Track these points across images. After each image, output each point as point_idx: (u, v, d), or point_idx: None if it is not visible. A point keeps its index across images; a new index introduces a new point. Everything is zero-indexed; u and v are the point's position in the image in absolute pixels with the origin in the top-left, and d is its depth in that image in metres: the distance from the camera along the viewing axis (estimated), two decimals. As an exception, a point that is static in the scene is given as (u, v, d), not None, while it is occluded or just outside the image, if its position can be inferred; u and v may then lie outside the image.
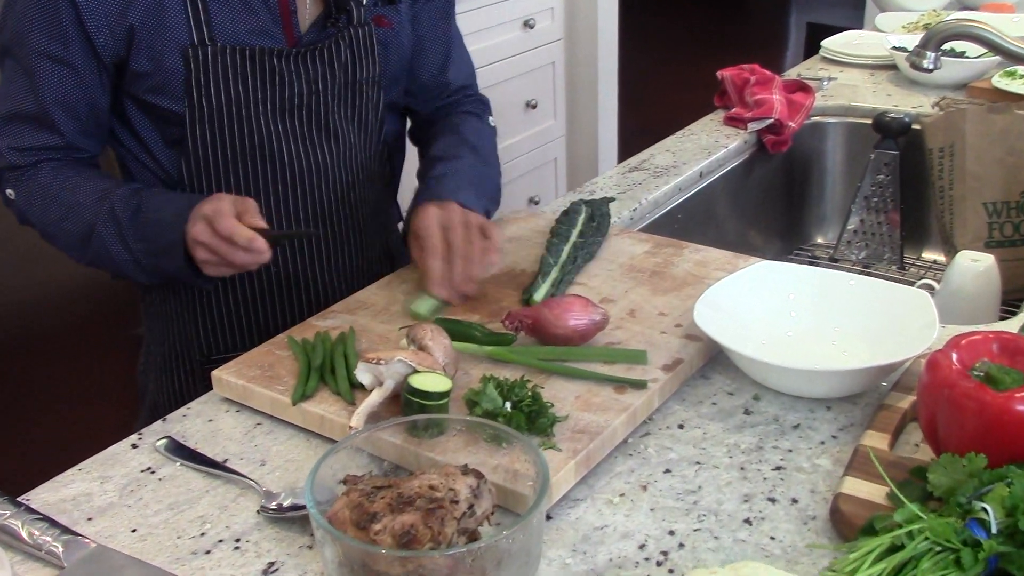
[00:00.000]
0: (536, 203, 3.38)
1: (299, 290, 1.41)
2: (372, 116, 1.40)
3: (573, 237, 1.37)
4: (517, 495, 0.92)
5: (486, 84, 3.08)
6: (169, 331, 1.39)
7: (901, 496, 0.84)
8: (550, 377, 1.10)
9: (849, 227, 2.00)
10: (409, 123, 1.58)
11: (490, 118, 1.55)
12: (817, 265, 2.07)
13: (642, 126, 2.76)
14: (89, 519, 0.96)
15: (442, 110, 1.53)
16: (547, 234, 1.42)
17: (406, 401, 1.01)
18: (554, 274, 1.30)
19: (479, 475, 0.88)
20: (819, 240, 2.18)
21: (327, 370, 1.10)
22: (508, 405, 1.02)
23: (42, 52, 1.23)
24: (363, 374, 1.04)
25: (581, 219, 1.42)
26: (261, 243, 1.15)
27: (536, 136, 3.37)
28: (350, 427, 1.00)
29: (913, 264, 2.03)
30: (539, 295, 1.26)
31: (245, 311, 1.39)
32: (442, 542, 0.81)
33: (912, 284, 1.74)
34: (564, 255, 1.34)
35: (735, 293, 1.20)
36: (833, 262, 2.02)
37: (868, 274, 1.97)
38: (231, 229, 1.14)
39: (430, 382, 1.01)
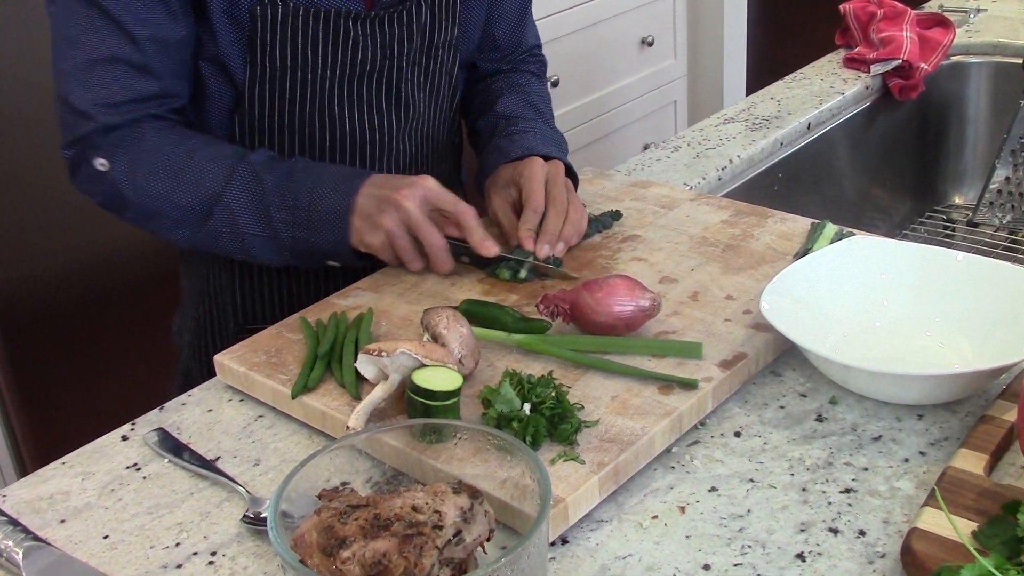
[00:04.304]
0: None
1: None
2: (445, 82, 1.30)
3: None
4: (524, 516, 0.79)
5: (595, 20, 2.90)
6: (205, 295, 1.31)
7: (970, 547, 0.67)
8: (586, 372, 0.96)
9: (992, 185, 1.75)
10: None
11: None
12: (954, 229, 1.84)
13: (774, 65, 2.51)
14: (62, 521, 0.87)
15: (504, 67, 1.42)
16: (615, 199, 1.27)
17: (409, 400, 0.88)
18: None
19: (475, 494, 0.75)
20: (956, 200, 1.93)
21: (335, 358, 0.99)
22: (527, 407, 0.88)
23: None
24: (366, 367, 0.93)
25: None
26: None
27: (652, 77, 3.13)
28: (347, 427, 0.89)
29: (1068, 229, 1.77)
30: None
31: (288, 280, 1.29)
32: (418, 575, 0.69)
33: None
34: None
35: (814, 276, 1.02)
36: (972, 226, 1.78)
37: (1014, 240, 1.73)
38: (456, 202, 1.12)
39: (437, 379, 0.88)
